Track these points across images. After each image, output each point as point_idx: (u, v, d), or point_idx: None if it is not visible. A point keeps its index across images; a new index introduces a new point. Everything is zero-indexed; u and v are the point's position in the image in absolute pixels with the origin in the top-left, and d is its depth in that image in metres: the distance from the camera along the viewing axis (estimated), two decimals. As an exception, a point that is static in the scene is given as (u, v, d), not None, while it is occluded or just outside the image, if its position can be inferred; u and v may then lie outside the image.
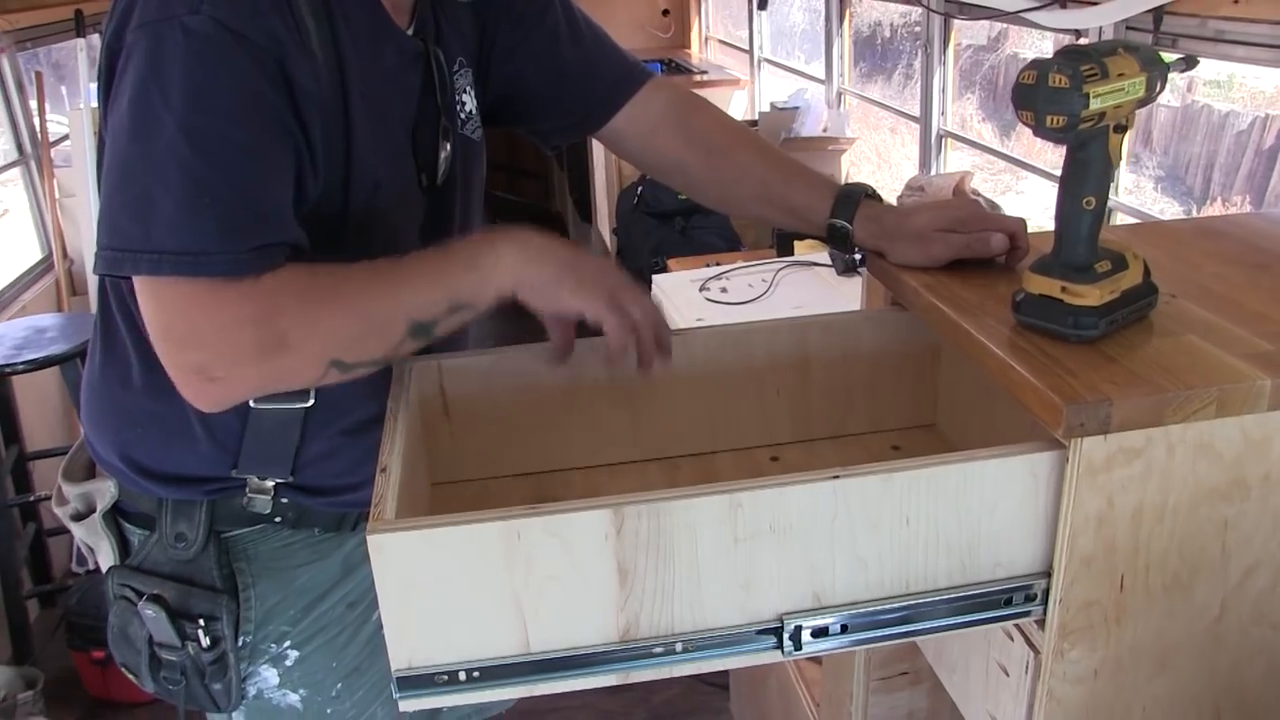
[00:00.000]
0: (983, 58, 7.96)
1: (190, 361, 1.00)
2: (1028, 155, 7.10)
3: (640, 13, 6.50)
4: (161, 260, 0.97)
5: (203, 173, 0.97)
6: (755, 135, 1.42)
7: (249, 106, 1.00)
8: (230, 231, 0.97)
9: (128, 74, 0.99)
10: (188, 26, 0.97)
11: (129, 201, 0.99)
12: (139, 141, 0.98)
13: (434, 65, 1.23)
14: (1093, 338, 0.98)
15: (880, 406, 1.29)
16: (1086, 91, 0.92)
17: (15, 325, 3.28)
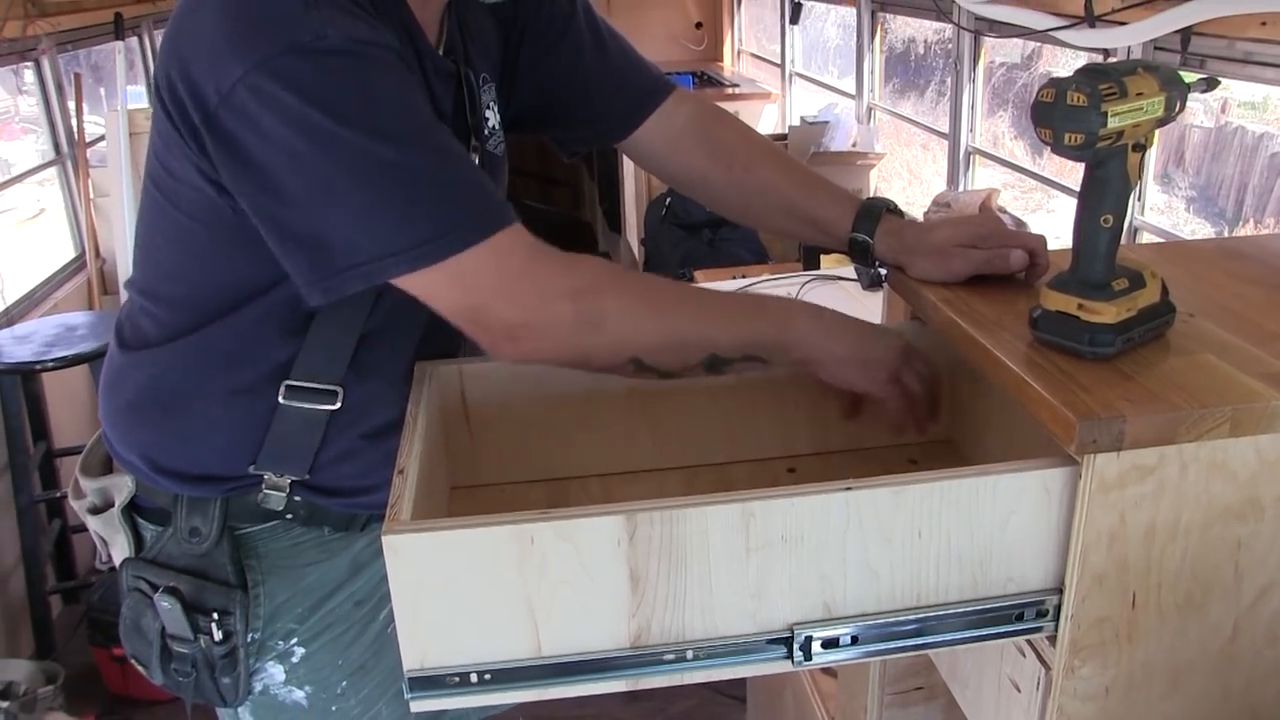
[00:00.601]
0: (1016, 75, 7.93)
1: (509, 317, 1.04)
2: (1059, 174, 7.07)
3: (674, 25, 6.53)
4: (424, 247, 1.00)
5: (412, 164, 1.01)
6: (778, 149, 1.43)
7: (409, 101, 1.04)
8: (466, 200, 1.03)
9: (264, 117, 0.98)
10: (319, 50, 0.98)
11: (340, 223, 1.00)
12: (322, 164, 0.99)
13: (465, 86, 1.25)
14: (1109, 355, 0.99)
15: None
16: (1105, 110, 0.92)
17: (46, 323, 3.32)
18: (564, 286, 1.05)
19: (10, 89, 6.39)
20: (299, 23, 0.98)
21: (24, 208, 4.93)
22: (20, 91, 6.10)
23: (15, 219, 5.08)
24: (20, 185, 4.17)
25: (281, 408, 1.20)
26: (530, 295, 1.04)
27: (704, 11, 6.55)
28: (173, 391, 1.22)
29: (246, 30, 0.99)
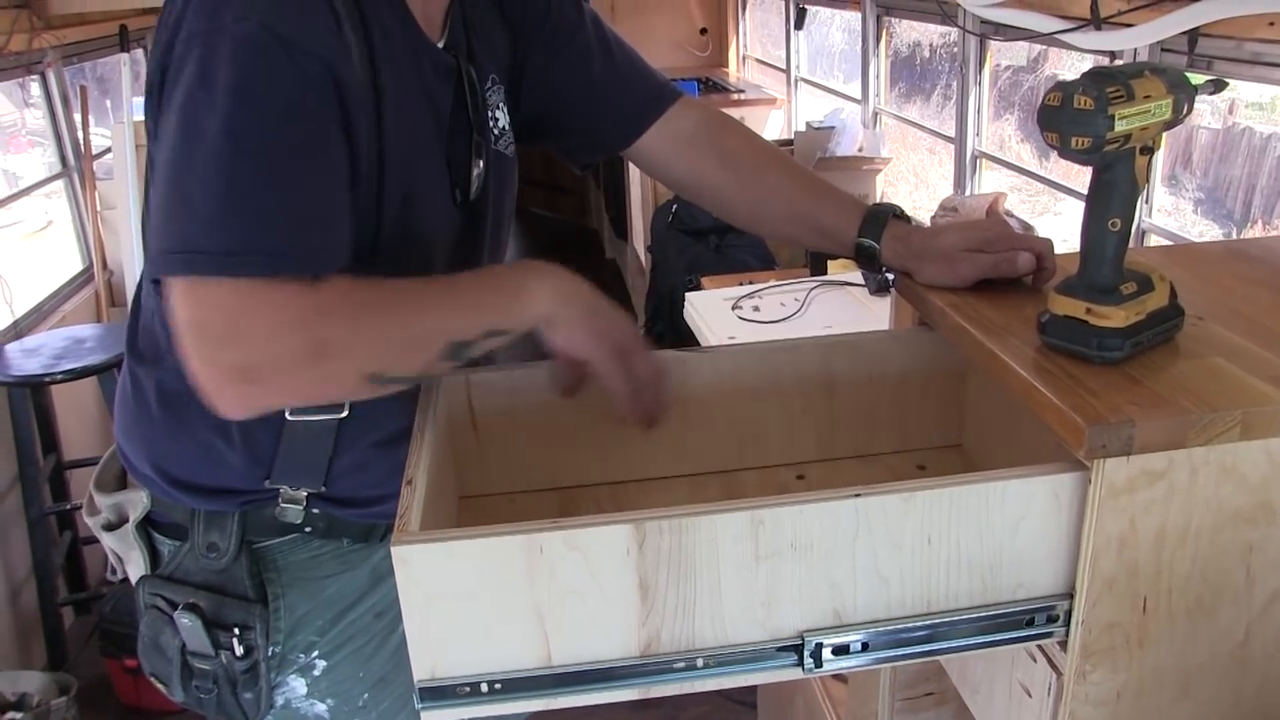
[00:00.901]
0: (1022, 79, 7.92)
1: (230, 360, 0.98)
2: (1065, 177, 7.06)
3: (678, 31, 6.54)
4: (196, 259, 0.97)
5: (246, 174, 0.97)
6: (784, 155, 1.43)
7: (295, 112, 1.01)
8: (271, 232, 0.98)
9: (177, 85, 1.01)
10: (236, 34, 0.98)
11: (172, 206, 0.99)
12: (184, 146, 0.99)
13: (465, 80, 1.24)
14: (1117, 359, 0.98)
15: (906, 426, 1.29)
16: (1112, 113, 0.92)
17: (55, 335, 3.33)
18: (287, 319, 0.97)
19: (17, 102, 6.42)
20: (231, 3, 1.00)
21: (31, 220, 4.94)
22: (26, 104, 6.13)
23: (23, 231, 5.09)
24: (27, 198, 4.19)
25: (290, 422, 1.20)
26: (255, 335, 0.97)
27: (709, 17, 6.56)
28: (184, 404, 1.21)
29: (196, 3, 1.02)
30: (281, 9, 1.00)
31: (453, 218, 1.25)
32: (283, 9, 1.00)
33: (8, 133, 7.45)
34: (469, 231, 1.27)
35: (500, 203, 1.32)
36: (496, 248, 1.34)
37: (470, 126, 1.24)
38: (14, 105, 6.56)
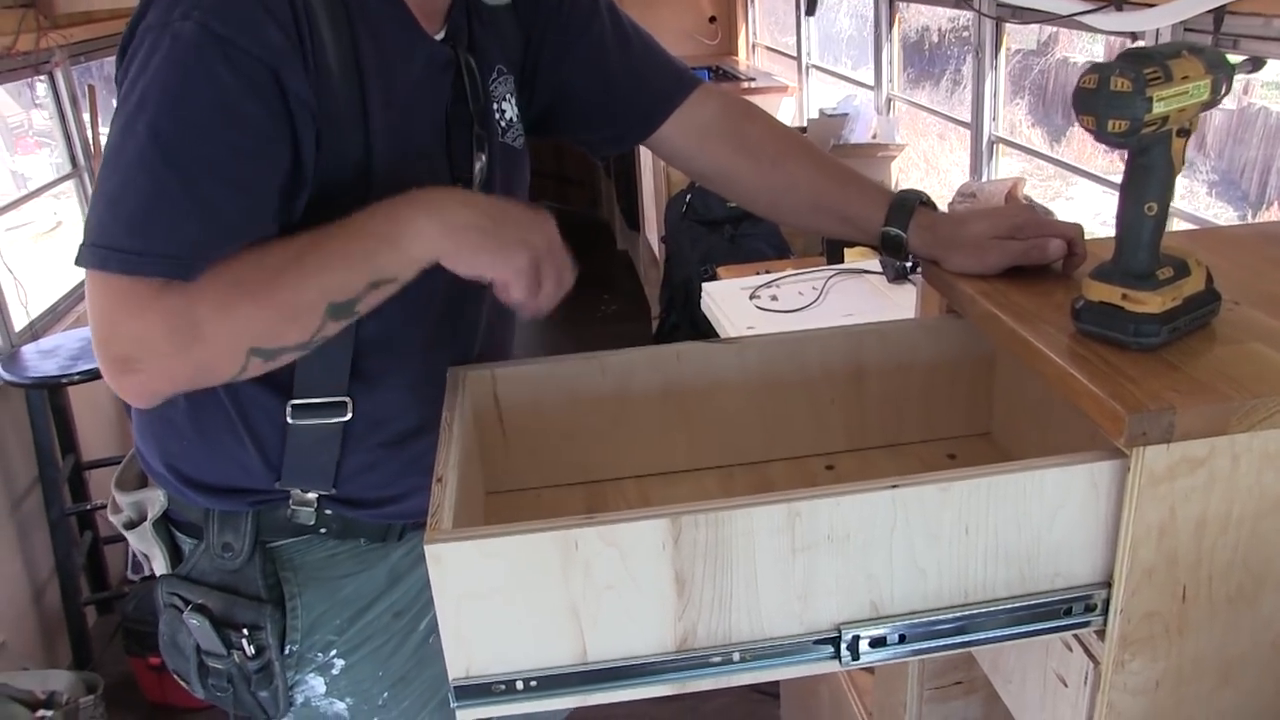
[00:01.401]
0: (1032, 62, 7.88)
1: (109, 354, 1.00)
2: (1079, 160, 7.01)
3: (687, 20, 6.51)
4: (109, 255, 0.98)
5: (164, 178, 0.98)
6: (807, 142, 1.41)
7: (221, 116, 1.01)
8: (177, 238, 0.98)
9: (128, 75, 1.02)
10: (176, 31, 0.99)
11: (102, 198, 1.01)
12: (120, 141, 1.00)
13: (465, 72, 1.23)
14: (1154, 345, 0.97)
15: (935, 415, 1.28)
16: (1150, 95, 0.90)
17: (70, 336, 3.33)
18: (154, 308, 0.97)
19: (24, 103, 6.43)
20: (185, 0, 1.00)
21: (41, 221, 4.95)
22: (34, 105, 6.13)
23: (33, 232, 5.10)
24: (37, 198, 4.19)
25: (292, 426, 1.19)
26: (125, 327, 0.98)
27: (718, 5, 6.54)
28: (194, 405, 1.21)
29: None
30: (228, 8, 1.00)
31: None
32: (229, 8, 1.00)
33: (15, 134, 7.47)
34: None
35: (509, 195, 1.30)
36: None
37: (470, 119, 1.23)
38: (20, 106, 6.57)
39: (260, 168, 1.04)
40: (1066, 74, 7.54)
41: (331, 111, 1.07)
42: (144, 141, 0.98)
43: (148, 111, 0.99)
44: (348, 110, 1.08)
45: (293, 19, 1.03)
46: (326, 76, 1.06)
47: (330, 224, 1.02)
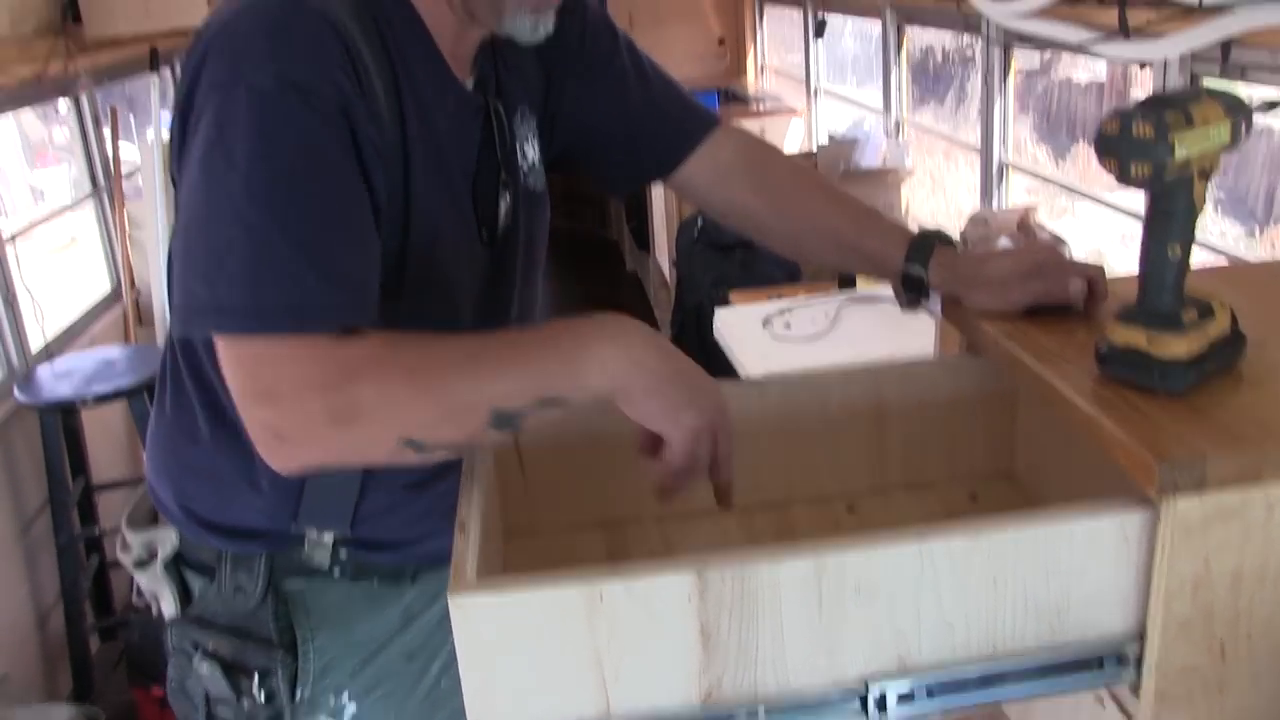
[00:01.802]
0: (1035, 81, 7.89)
1: (263, 419, 0.97)
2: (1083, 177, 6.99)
3: (696, 42, 6.53)
4: (223, 315, 0.96)
5: (267, 230, 0.96)
6: (825, 181, 1.41)
7: (316, 162, 1.00)
8: (293, 289, 0.96)
9: (197, 135, 1.00)
10: (253, 85, 0.98)
11: (197, 261, 0.98)
12: (207, 202, 0.98)
13: (494, 119, 1.23)
14: (1181, 390, 0.96)
15: (957, 454, 1.27)
16: (1172, 140, 0.90)
17: (85, 357, 3.34)
18: (314, 380, 0.94)
19: (44, 117, 6.46)
20: (251, 53, 0.99)
21: (56, 236, 4.95)
22: (55, 120, 6.15)
23: (48, 247, 5.10)
24: (50, 212, 4.20)
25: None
26: (283, 395, 0.95)
27: (726, 27, 6.56)
28: (210, 446, 1.21)
29: (219, 51, 1.01)
30: (297, 57, 1.00)
31: (480, 257, 1.23)
32: (298, 57, 1.00)
33: (35, 148, 7.51)
34: (498, 271, 1.26)
35: (530, 239, 1.30)
36: (527, 287, 1.31)
37: (498, 164, 1.23)
38: (41, 121, 6.60)
39: (359, 208, 1.03)
40: (1069, 93, 7.55)
41: (382, 151, 1.06)
42: (241, 199, 0.96)
43: (239, 169, 0.96)
44: (393, 152, 1.08)
45: (350, 64, 1.03)
46: (377, 121, 1.06)
47: (507, 330, 1.01)
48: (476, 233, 1.21)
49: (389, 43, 1.10)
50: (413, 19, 1.13)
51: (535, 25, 1.14)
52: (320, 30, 1.02)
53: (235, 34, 1.01)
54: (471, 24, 1.16)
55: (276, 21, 1.01)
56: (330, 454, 1.00)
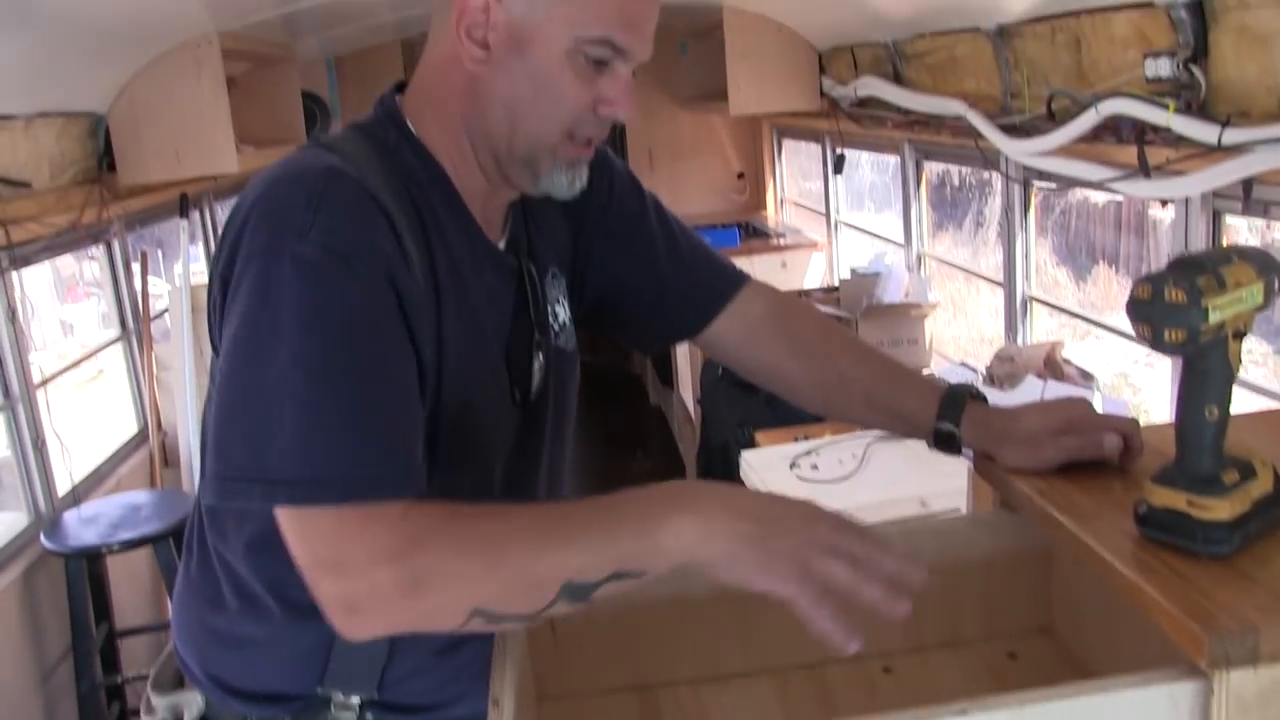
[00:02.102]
0: (1053, 202, 7.98)
1: (333, 592, 0.96)
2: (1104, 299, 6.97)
3: (716, 176, 6.64)
4: (274, 489, 0.96)
5: (313, 400, 0.97)
6: (854, 338, 1.42)
7: (360, 329, 1.01)
8: (340, 459, 0.96)
9: (237, 302, 1.01)
10: (297, 254, 0.99)
11: (242, 430, 0.99)
12: (250, 369, 0.99)
13: (528, 280, 1.24)
14: (1225, 553, 0.94)
15: (994, 611, 1.25)
16: (1205, 305, 0.90)
17: (111, 503, 3.34)
18: (383, 551, 0.94)
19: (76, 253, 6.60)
20: (293, 222, 1.00)
21: (83, 370, 5.01)
22: (85, 255, 6.28)
23: (75, 380, 5.16)
24: (80, 348, 4.25)
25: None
26: (352, 567, 0.95)
27: (745, 161, 6.66)
28: (234, 613, 1.20)
29: (261, 219, 1.03)
30: (341, 226, 1.01)
31: (512, 418, 1.23)
32: (342, 225, 1.01)
33: (66, 283, 7.65)
34: (529, 431, 1.26)
35: (561, 399, 1.31)
36: (557, 446, 1.31)
37: (532, 325, 1.24)
38: (73, 256, 6.76)
39: (407, 372, 1.04)
40: (1087, 213, 7.61)
41: (413, 321, 1.07)
42: (289, 369, 0.97)
43: (286, 339, 0.97)
44: (427, 317, 1.09)
45: (391, 230, 1.05)
46: (413, 285, 1.07)
47: (578, 501, 0.99)
48: (509, 393, 1.22)
49: (422, 209, 1.12)
50: (444, 184, 1.16)
51: (571, 181, 1.16)
52: (359, 197, 1.04)
53: (276, 202, 1.03)
54: (505, 186, 1.19)
55: (316, 190, 1.03)
56: (402, 624, 0.99)
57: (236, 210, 1.07)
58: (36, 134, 3.12)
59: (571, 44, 1.08)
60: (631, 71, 1.13)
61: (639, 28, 1.10)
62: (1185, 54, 2.18)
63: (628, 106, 1.13)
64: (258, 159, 4.00)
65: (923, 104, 3.50)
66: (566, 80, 1.09)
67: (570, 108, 1.11)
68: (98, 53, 3.19)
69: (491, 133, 1.13)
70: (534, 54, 1.09)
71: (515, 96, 1.11)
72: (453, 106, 1.14)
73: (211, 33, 3.60)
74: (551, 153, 1.13)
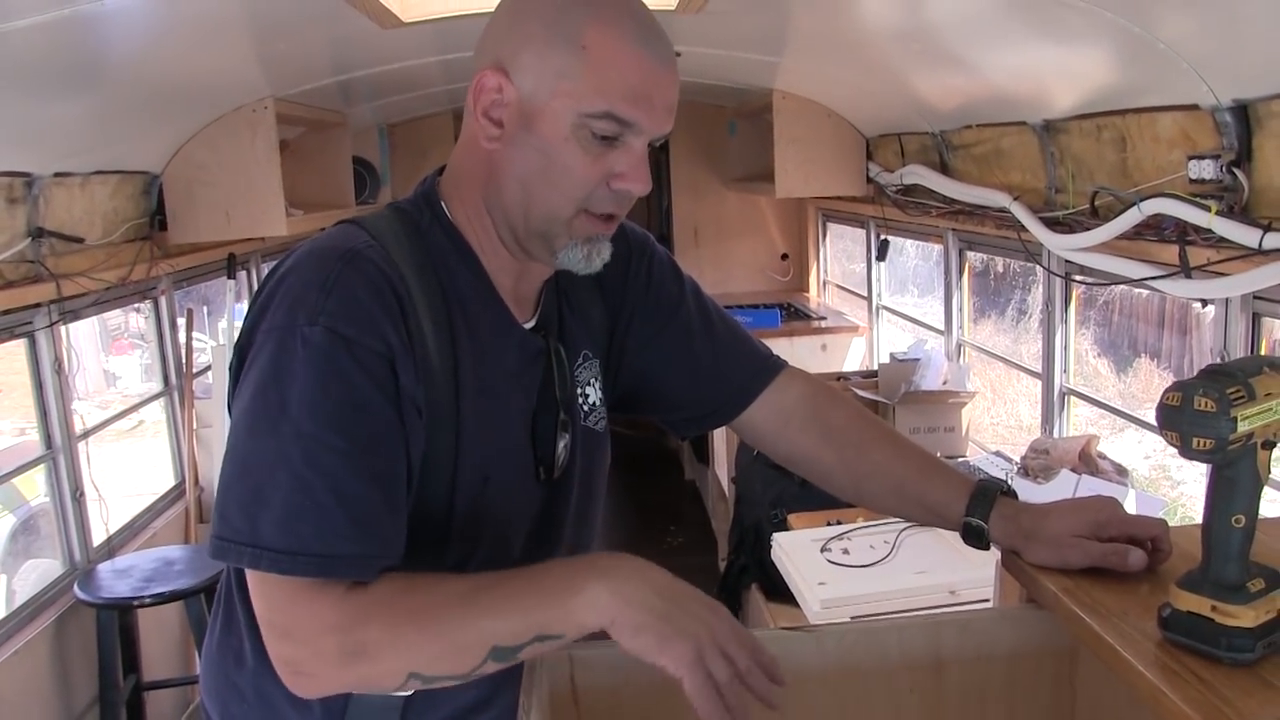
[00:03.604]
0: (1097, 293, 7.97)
1: (282, 654, 1.05)
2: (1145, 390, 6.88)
3: (760, 256, 6.67)
4: (260, 555, 1.03)
5: (307, 478, 1.03)
6: (889, 428, 1.43)
7: (360, 416, 1.06)
8: (325, 536, 1.02)
9: (252, 372, 1.07)
10: (306, 337, 1.05)
11: (240, 496, 1.05)
12: (255, 439, 1.05)
13: (555, 359, 1.26)
14: (1249, 661, 0.95)
15: (1017, 708, 1.25)
16: (1234, 415, 0.92)
17: (145, 556, 3.37)
18: (328, 623, 1.03)
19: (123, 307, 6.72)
20: (307, 303, 1.06)
21: (123, 421, 5.10)
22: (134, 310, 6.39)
23: (114, 430, 5.25)
24: (120, 399, 4.30)
25: (354, 697, 1.20)
26: (300, 634, 1.04)
27: (789, 242, 6.69)
28: (258, 670, 1.22)
29: (283, 295, 1.08)
30: (348, 310, 1.06)
31: (535, 495, 1.26)
32: (349, 310, 1.06)
33: (111, 334, 7.78)
34: (552, 509, 1.28)
35: (589, 478, 1.32)
36: (582, 524, 1.33)
37: (558, 404, 1.26)
38: (120, 310, 6.89)
39: (393, 458, 1.09)
40: (1130, 306, 7.57)
41: (424, 399, 1.11)
42: (290, 445, 1.03)
43: (290, 414, 1.04)
44: (440, 397, 1.12)
45: (400, 313, 1.09)
46: (426, 365, 1.11)
47: (508, 570, 1.07)
48: (534, 471, 1.24)
49: (447, 288, 1.16)
50: (472, 263, 1.19)
51: (589, 255, 1.19)
52: (373, 284, 1.09)
53: (296, 281, 1.09)
54: (528, 260, 1.21)
55: (332, 274, 1.08)
56: (343, 686, 1.09)
57: (267, 280, 1.12)
58: (92, 191, 3.20)
59: (576, 119, 1.11)
60: (647, 145, 1.15)
61: (646, 102, 1.11)
62: (1229, 157, 2.19)
63: (639, 180, 1.15)
64: (306, 223, 4.07)
65: (967, 194, 3.52)
66: (573, 155, 1.12)
67: (578, 182, 1.13)
68: (156, 114, 3.27)
69: (508, 208, 1.17)
70: (542, 130, 1.12)
71: (528, 172, 1.14)
72: (475, 185, 1.18)
73: (267, 97, 3.68)
74: (567, 227, 1.16)
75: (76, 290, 3.12)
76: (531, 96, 1.11)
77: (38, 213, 2.89)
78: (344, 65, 3.89)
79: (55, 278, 2.98)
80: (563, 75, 1.09)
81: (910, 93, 3.58)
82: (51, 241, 2.97)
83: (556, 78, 1.10)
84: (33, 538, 4.65)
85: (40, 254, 2.96)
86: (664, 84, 1.12)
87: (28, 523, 4.71)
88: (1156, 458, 6.28)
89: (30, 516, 4.72)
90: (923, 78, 3.39)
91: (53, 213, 2.97)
